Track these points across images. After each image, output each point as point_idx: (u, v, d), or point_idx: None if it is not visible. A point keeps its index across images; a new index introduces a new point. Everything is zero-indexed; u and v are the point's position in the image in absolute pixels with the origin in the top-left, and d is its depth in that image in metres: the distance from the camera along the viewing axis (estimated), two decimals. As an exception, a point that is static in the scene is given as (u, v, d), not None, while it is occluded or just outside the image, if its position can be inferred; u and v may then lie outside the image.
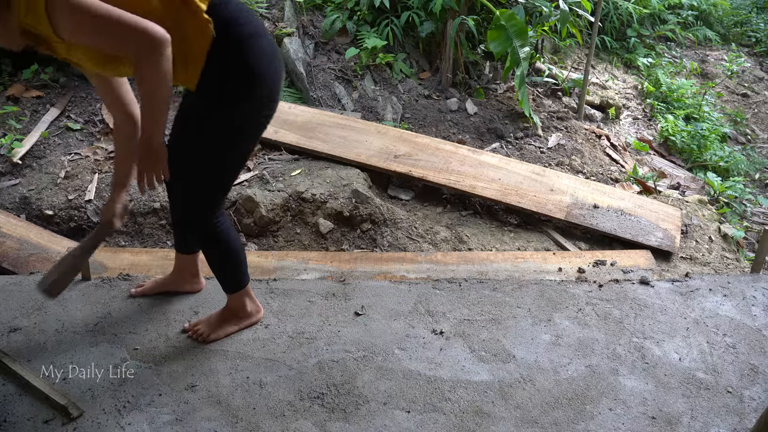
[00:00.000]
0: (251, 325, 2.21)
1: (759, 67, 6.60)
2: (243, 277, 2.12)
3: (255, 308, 2.22)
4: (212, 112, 1.81)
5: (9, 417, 1.81)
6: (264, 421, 1.84)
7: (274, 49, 1.82)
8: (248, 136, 1.91)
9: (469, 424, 1.86)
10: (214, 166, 1.89)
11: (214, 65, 1.73)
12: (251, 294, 2.20)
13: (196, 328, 2.14)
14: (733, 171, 4.70)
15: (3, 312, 2.23)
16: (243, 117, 1.83)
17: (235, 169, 1.95)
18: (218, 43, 1.71)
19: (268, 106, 1.87)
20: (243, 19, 1.74)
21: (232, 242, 2.03)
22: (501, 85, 4.85)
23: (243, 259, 2.09)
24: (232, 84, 1.76)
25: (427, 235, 3.21)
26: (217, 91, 1.78)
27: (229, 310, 2.17)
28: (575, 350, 2.17)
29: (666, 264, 3.06)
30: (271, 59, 1.80)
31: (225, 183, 1.96)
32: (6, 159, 3.39)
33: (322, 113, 3.90)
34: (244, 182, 3.32)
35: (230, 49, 1.73)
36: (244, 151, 1.93)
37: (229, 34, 1.72)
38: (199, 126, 1.85)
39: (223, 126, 1.83)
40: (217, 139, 1.84)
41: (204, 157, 1.88)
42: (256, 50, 1.75)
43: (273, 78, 1.81)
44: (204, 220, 1.96)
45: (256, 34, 1.76)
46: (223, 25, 1.70)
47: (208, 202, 1.95)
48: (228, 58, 1.73)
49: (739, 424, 1.89)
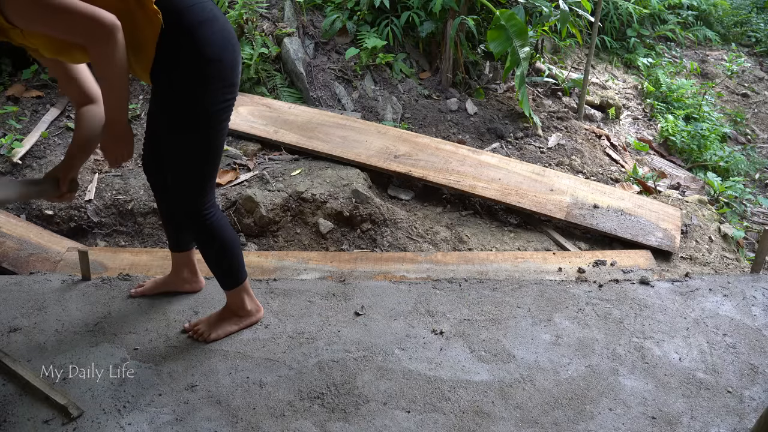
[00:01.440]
0: (252, 325, 2.21)
1: (759, 67, 6.60)
2: (240, 273, 2.12)
3: (255, 307, 2.22)
4: (171, 101, 1.84)
5: (9, 417, 1.81)
6: (264, 421, 1.84)
7: (228, 35, 1.83)
8: (214, 120, 1.89)
9: (469, 424, 1.86)
10: (188, 153, 1.91)
11: (165, 54, 1.76)
12: (250, 292, 2.20)
13: (197, 327, 2.14)
14: (733, 171, 4.70)
15: (3, 312, 2.23)
16: (202, 102, 1.83)
17: (210, 153, 1.94)
18: (169, 32, 1.73)
19: (226, 90, 1.86)
20: (194, 7, 1.76)
21: (226, 235, 2.03)
22: (501, 85, 4.85)
23: (239, 254, 2.09)
24: (183, 71, 1.78)
25: (427, 235, 3.21)
26: (170, 79, 1.80)
27: (229, 309, 2.17)
28: (575, 350, 2.17)
29: (666, 264, 3.06)
30: (224, 44, 1.80)
31: (205, 169, 1.95)
32: (6, 159, 3.39)
33: (322, 113, 3.90)
34: (244, 182, 3.32)
35: (180, 37, 1.74)
36: (214, 135, 1.92)
37: (180, 23, 1.73)
38: (163, 117, 1.89)
39: (185, 113, 1.84)
40: (183, 126, 1.86)
41: (176, 146, 1.90)
42: (207, 36, 1.76)
43: (228, 62, 1.82)
44: (195, 210, 1.96)
45: (207, 21, 1.77)
46: (173, 14, 1.73)
47: (193, 189, 1.95)
48: (179, 47, 1.75)
49: (739, 424, 1.89)
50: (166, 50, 1.75)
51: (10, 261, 2.75)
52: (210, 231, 2.00)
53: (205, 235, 2.02)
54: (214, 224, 2.00)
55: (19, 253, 2.79)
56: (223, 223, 2.03)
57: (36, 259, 2.76)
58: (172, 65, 1.78)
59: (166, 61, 1.77)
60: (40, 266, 2.71)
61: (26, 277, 2.48)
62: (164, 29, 1.72)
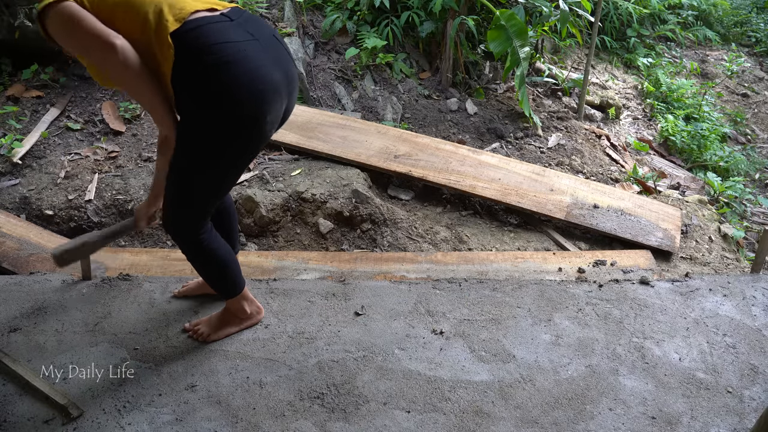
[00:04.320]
0: (252, 326, 2.21)
1: (759, 67, 6.60)
2: (236, 285, 2.10)
3: (255, 309, 2.22)
4: (185, 137, 1.78)
5: (9, 417, 1.81)
6: (264, 421, 1.84)
7: (252, 80, 1.67)
8: (227, 166, 1.83)
9: (469, 424, 1.86)
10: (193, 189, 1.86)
11: (184, 90, 1.70)
12: (249, 297, 2.19)
13: (197, 327, 2.14)
14: (733, 171, 4.70)
15: (3, 312, 2.23)
16: (219, 140, 1.74)
17: (216, 192, 1.90)
18: (188, 71, 1.66)
19: (248, 138, 1.76)
20: (210, 48, 1.65)
21: (220, 254, 2.00)
22: (501, 85, 4.85)
23: (234, 268, 2.07)
24: (195, 112, 1.72)
25: (427, 235, 3.21)
26: (186, 118, 1.75)
27: (229, 311, 2.17)
28: (575, 350, 2.17)
29: (666, 264, 3.06)
30: (243, 90, 1.67)
31: (208, 202, 1.91)
32: (6, 159, 3.39)
33: (322, 113, 3.90)
34: (244, 182, 3.32)
35: (194, 77, 1.66)
36: (225, 177, 1.87)
37: (194, 62, 1.65)
38: (180, 146, 1.81)
39: (193, 154, 1.78)
40: (190, 166, 1.81)
41: (182, 180, 1.85)
42: (223, 81, 1.65)
43: (246, 107, 1.69)
44: (191, 237, 1.94)
45: (226, 64, 1.65)
46: (189, 49, 1.65)
47: (192, 219, 1.92)
48: (192, 86, 1.68)
49: (739, 424, 1.89)
50: (183, 88, 1.69)
51: (10, 261, 2.75)
52: (205, 254, 1.98)
53: (201, 258, 2.00)
54: (209, 247, 1.97)
55: (19, 253, 2.79)
56: (216, 242, 1.99)
57: (36, 259, 2.76)
58: (189, 105, 1.72)
59: (185, 101, 1.72)
60: (40, 266, 2.71)
61: (26, 277, 2.48)
62: (181, 66, 1.65)
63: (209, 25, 1.67)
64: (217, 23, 1.69)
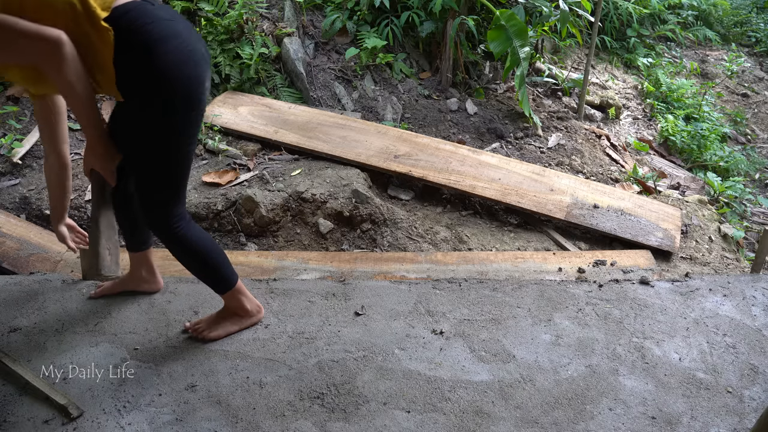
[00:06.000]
0: (253, 325, 2.21)
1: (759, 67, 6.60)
2: (229, 276, 2.10)
3: (255, 308, 2.22)
4: (134, 119, 1.82)
5: (9, 417, 1.81)
6: (264, 421, 1.84)
7: (189, 50, 1.77)
8: (179, 138, 1.87)
9: (469, 424, 1.86)
10: (153, 170, 1.89)
11: (125, 73, 1.74)
12: (246, 293, 2.19)
13: (197, 326, 2.14)
14: (733, 171, 4.70)
15: (3, 312, 2.23)
16: (165, 120, 1.80)
17: (175, 170, 1.92)
18: (127, 51, 1.71)
19: (190, 106, 1.82)
20: (147, 25, 1.72)
21: (202, 245, 2.01)
22: (501, 85, 4.85)
23: (222, 259, 2.07)
24: (144, 89, 1.75)
25: (427, 235, 3.21)
26: (132, 97, 1.78)
27: (228, 309, 2.17)
28: (575, 350, 2.17)
29: (666, 264, 3.06)
30: (184, 60, 1.76)
31: (171, 185, 1.93)
32: (6, 159, 3.39)
33: (322, 113, 3.90)
34: (244, 182, 3.32)
35: (137, 56, 1.71)
36: (179, 153, 1.90)
37: (133, 42, 1.71)
38: (127, 133, 1.86)
39: (148, 131, 1.82)
40: (147, 145, 1.84)
41: (141, 164, 1.89)
42: (163, 56, 1.72)
43: (187, 81, 1.77)
44: (163, 225, 1.94)
45: (165, 38, 1.73)
46: (129, 33, 1.70)
47: (159, 205, 1.93)
48: (136, 66, 1.72)
49: (739, 424, 1.89)
50: (126, 69, 1.73)
51: (10, 261, 2.75)
52: (183, 243, 1.98)
53: (180, 248, 2.00)
54: (186, 236, 1.97)
55: (19, 253, 2.79)
56: (195, 233, 2.00)
57: (36, 259, 2.76)
58: (133, 84, 1.76)
59: (128, 80, 1.76)
60: (40, 266, 2.71)
61: (26, 277, 2.48)
62: (122, 48, 1.70)
63: (137, 8, 1.75)
64: (143, 5, 1.77)
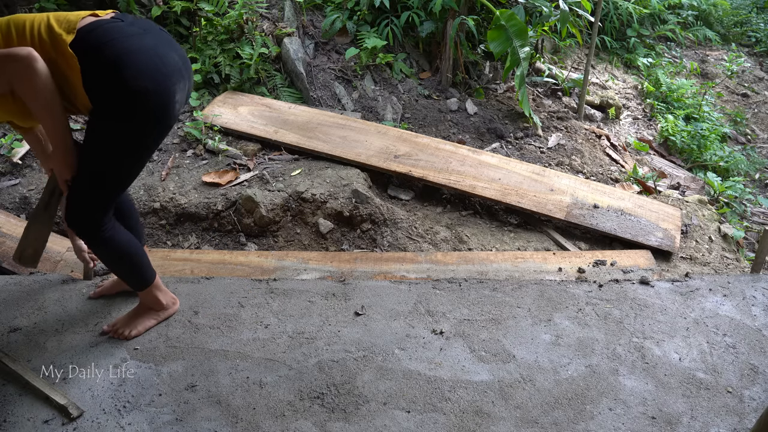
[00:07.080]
0: (169, 317, 2.23)
1: (759, 67, 6.60)
2: (147, 274, 2.12)
3: (170, 300, 2.25)
4: (98, 130, 1.82)
5: (9, 417, 1.81)
6: (264, 421, 1.84)
7: (155, 66, 1.76)
8: (147, 148, 1.89)
9: (469, 424, 1.86)
10: (105, 174, 1.89)
11: (95, 92, 1.75)
12: (162, 287, 2.21)
13: (115, 327, 2.15)
14: (733, 171, 4.70)
15: (3, 312, 2.23)
16: (129, 133, 1.81)
17: (126, 177, 1.93)
18: (94, 70, 1.72)
19: (154, 121, 1.82)
20: (111, 42, 1.73)
21: (125, 246, 2.02)
22: (501, 85, 4.85)
23: (142, 258, 2.08)
24: (111, 104, 1.76)
25: (427, 235, 3.21)
26: (101, 113, 1.79)
27: (143, 305, 2.19)
28: (575, 350, 2.17)
29: (666, 264, 3.06)
30: (150, 77, 1.75)
31: (119, 189, 1.95)
32: (6, 159, 3.39)
33: (322, 113, 3.90)
34: (244, 182, 3.32)
35: (104, 73, 1.72)
36: (139, 161, 1.92)
37: (99, 61, 1.72)
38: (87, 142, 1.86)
39: (108, 140, 1.82)
40: (102, 153, 1.84)
41: (93, 165, 1.87)
42: (131, 69, 1.72)
43: (155, 95, 1.77)
44: (94, 229, 1.94)
45: (130, 53, 1.73)
46: (93, 51, 1.71)
47: (96, 210, 1.93)
48: (104, 82, 1.73)
49: (739, 424, 1.89)
50: (95, 88, 1.74)
51: (10, 261, 2.75)
52: (110, 245, 1.99)
53: (106, 250, 2.01)
54: (113, 238, 1.98)
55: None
56: (120, 234, 2.01)
57: (36, 259, 2.76)
58: (102, 102, 1.77)
59: (98, 99, 1.77)
60: (40, 266, 2.71)
61: (26, 277, 2.48)
62: (89, 69, 1.71)
63: (103, 26, 1.77)
64: (110, 23, 1.79)
